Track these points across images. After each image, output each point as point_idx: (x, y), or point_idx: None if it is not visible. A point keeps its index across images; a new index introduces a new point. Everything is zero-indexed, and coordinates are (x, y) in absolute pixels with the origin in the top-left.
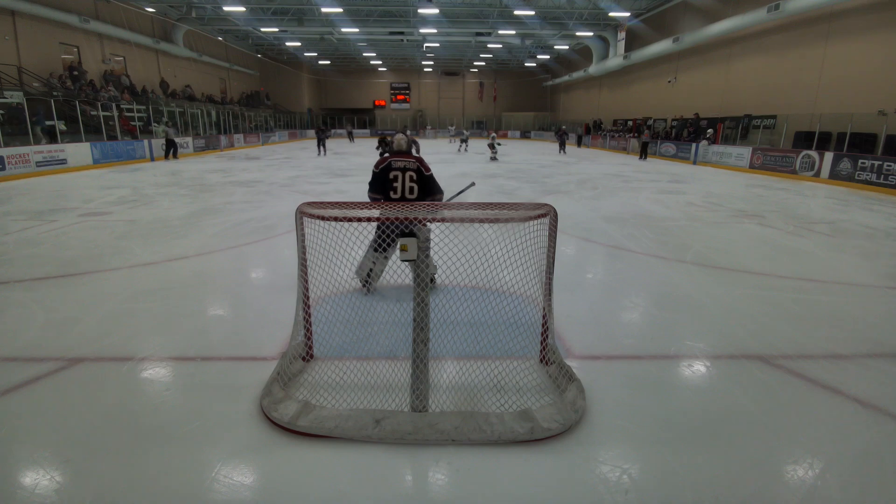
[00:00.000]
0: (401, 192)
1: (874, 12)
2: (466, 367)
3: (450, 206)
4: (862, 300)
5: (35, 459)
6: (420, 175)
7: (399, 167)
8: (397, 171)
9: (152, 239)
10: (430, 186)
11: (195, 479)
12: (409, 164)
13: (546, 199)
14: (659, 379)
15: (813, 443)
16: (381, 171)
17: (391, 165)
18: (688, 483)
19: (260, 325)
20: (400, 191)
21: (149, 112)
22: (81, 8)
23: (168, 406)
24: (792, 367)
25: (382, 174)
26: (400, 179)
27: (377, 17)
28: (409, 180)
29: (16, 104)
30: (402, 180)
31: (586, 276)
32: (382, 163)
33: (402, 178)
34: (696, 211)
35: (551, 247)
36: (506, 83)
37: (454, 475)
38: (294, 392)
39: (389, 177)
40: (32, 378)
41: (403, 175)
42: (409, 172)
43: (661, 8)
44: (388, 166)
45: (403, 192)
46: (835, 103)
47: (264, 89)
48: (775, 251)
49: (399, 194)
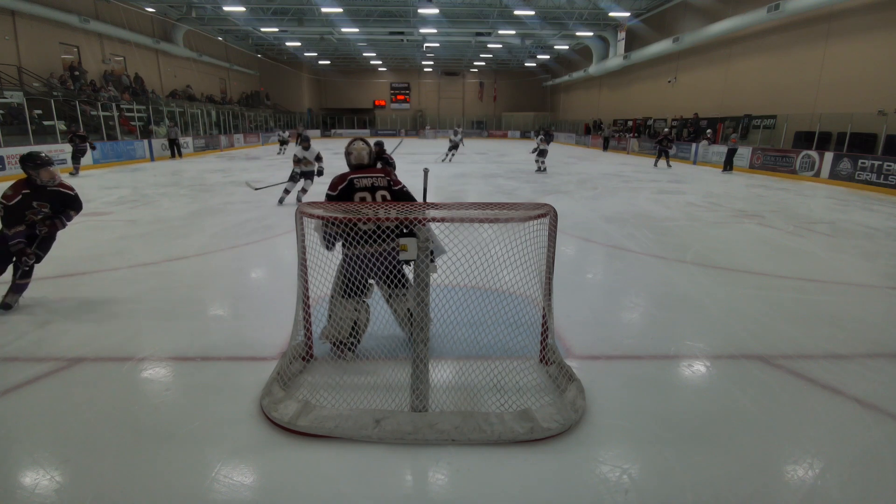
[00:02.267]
0: None
1: (874, 12)
2: (466, 367)
3: (441, 207)
4: (862, 300)
5: (35, 459)
6: (392, 192)
7: (365, 185)
8: (363, 191)
9: (152, 239)
10: (407, 201)
11: (195, 479)
12: (378, 180)
13: (546, 199)
14: (659, 379)
15: (813, 443)
16: (340, 194)
17: (354, 185)
18: (688, 483)
19: (260, 325)
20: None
21: (149, 112)
22: (81, 8)
23: (168, 406)
24: (792, 367)
25: (344, 198)
26: (370, 201)
27: (377, 17)
28: (381, 200)
29: (16, 104)
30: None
31: (586, 276)
32: (341, 182)
33: (372, 200)
34: (696, 211)
35: (551, 247)
36: (506, 83)
37: (454, 475)
38: (294, 392)
39: (354, 199)
40: (32, 378)
41: (373, 195)
42: (380, 191)
43: (661, 8)
44: (349, 186)
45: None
46: (835, 103)
47: (264, 89)
48: (775, 251)
49: None
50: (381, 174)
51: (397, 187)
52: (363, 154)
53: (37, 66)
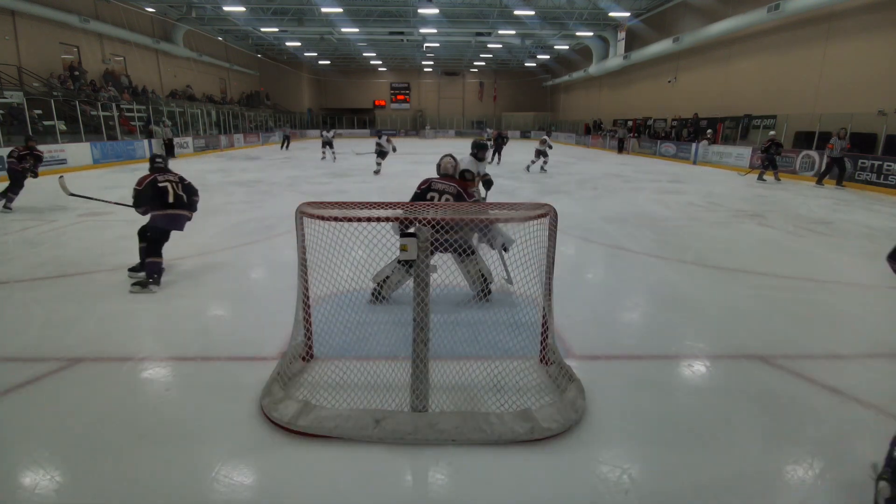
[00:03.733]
0: None
1: (874, 12)
2: (466, 367)
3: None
4: (862, 300)
5: (35, 459)
6: (459, 200)
7: (438, 189)
8: (435, 192)
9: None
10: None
11: (195, 479)
12: (449, 188)
13: (546, 199)
14: (659, 379)
15: (813, 443)
16: (421, 193)
17: (431, 187)
18: (688, 483)
19: (260, 325)
20: None
21: (149, 112)
22: (81, 8)
23: (168, 406)
24: (792, 367)
25: (421, 195)
26: (436, 201)
27: (377, 17)
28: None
29: (16, 104)
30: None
31: (586, 277)
32: (424, 183)
33: (438, 201)
34: (696, 211)
35: (551, 247)
36: (506, 83)
37: (454, 475)
38: (294, 392)
39: (427, 198)
40: (32, 378)
41: (440, 198)
42: (445, 196)
43: (661, 8)
44: (428, 187)
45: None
46: (835, 103)
47: (264, 89)
48: (775, 251)
49: None
50: (455, 184)
51: (465, 199)
52: (448, 167)
53: (37, 66)
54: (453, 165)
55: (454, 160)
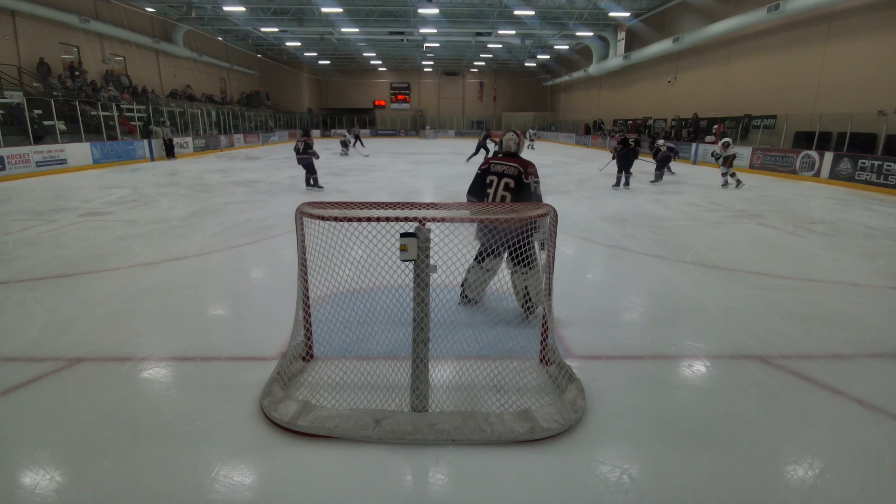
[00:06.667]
0: (492, 200)
1: (874, 12)
2: (466, 367)
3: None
4: (862, 300)
5: (35, 459)
6: (518, 182)
7: (497, 171)
8: (494, 175)
9: (152, 239)
10: (526, 196)
11: (195, 479)
12: (509, 169)
13: (546, 199)
14: (659, 379)
15: (813, 443)
16: (481, 174)
17: (490, 169)
18: (688, 483)
19: (260, 325)
20: (492, 199)
21: (149, 112)
22: (81, 8)
23: (168, 406)
24: (792, 367)
25: (481, 177)
26: (494, 185)
27: (377, 17)
28: (503, 188)
29: (16, 104)
30: (496, 187)
31: (586, 276)
32: (485, 164)
33: (496, 185)
34: (696, 211)
35: (551, 247)
36: (506, 83)
37: (454, 475)
38: (294, 392)
39: (486, 181)
40: (32, 378)
41: (499, 181)
42: (504, 179)
43: (661, 8)
44: (487, 169)
45: (495, 201)
46: (835, 103)
47: (264, 89)
48: (775, 251)
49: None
50: (515, 164)
51: (527, 180)
52: (511, 144)
53: (37, 66)
54: (516, 142)
55: (517, 136)
